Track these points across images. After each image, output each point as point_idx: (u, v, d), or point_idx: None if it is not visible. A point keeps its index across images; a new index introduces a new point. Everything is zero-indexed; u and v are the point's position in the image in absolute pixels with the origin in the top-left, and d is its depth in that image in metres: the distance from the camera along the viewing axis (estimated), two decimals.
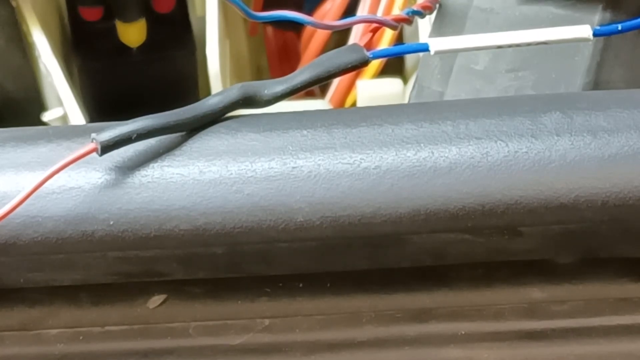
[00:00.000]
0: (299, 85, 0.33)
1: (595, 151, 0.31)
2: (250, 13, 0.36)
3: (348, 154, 0.31)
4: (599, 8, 0.38)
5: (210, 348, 0.32)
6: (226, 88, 0.33)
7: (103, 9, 0.50)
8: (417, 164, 0.31)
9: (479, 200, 0.30)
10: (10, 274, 0.31)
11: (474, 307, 0.33)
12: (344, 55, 0.34)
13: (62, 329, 0.33)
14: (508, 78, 0.39)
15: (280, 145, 0.31)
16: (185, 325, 0.32)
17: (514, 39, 0.35)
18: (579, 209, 0.30)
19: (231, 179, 0.31)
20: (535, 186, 0.30)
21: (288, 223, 0.30)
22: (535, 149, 0.31)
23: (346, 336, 0.32)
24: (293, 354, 0.32)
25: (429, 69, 0.41)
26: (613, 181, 0.30)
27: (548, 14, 0.38)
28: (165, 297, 0.33)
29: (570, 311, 0.32)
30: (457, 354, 0.32)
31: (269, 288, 0.33)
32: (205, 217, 0.30)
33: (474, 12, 0.40)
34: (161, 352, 0.32)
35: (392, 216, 0.30)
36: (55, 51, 0.47)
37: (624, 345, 0.32)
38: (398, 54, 0.38)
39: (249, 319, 0.32)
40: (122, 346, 0.32)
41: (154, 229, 0.30)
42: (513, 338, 0.32)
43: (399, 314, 0.33)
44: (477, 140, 0.31)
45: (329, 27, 0.39)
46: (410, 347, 0.32)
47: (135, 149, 0.31)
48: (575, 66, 0.38)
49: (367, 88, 0.49)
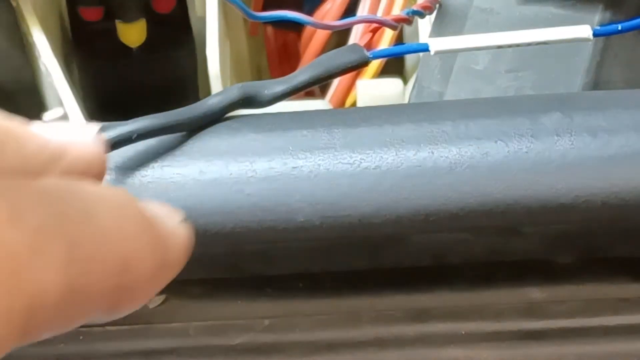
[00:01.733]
0: (299, 85, 0.33)
1: (595, 151, 0.31)
2: (250, 13, 0.36)
3: (348, 154, 0.31)
4: (599, 8, 0.38)
5: (210, 348, 0.32)
6: (226, 88, 0.33)
7: (103, 9, 0.50)
8: (417, 164, 0.31)
9: (479, 200, 0.30)
10: None
11: (474, 307, 0.33)
12: (344, 55, 0.34)
13: None
14: (508, 78, 0.39)
15: (280, 145, 0.31)
16: (185, 325, 0.32)
17: (513, 39, 0.35)
18: (579, 209, 0.30)
19: (231, 179, 0.31)
20: (535, 186, 0.30)
21: (288, 223, 0.30)
22: (535, 149, 0.31)
23: (346, 336, 0.32)
24: (293, 353, 0.32)
25: (429, 69, 0.41)
26: (613, 181, 0.30)
27: (548, 14, 0.38)
28: (165, 297, 0.33)
29: (570, 311, 0.32)
30: (457, 354, 0.32)
31: (269, 288, 0.33)
32: (205, 217, 0.30)
33: (474, 12, 0.40)
34: (161, 352, 0.32)
35: (392, 216, 0.30)
36: (55, 51, 0.47)
37: (624, 345, 0.32)
38: (398, 54, 0.38)
39: (249, 319, 0.32)
40: (122, 346, 0.32)
41: None
42: (513, 338, 0.32)
43: (399, 314, 0.32)
44: (477, 140, 0.31)
45: (329, 27, 0.39)
46: (410, 347, 0.32)
47: (135, 149, 0.31)
48: (575, 66, 0.38)
49: (367, 88, 0.49)
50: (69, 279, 0.15)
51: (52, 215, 0.15)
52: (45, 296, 0.14)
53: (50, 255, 0.14)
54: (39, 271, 0.14)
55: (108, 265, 0.16)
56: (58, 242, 0.14)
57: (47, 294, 0.14)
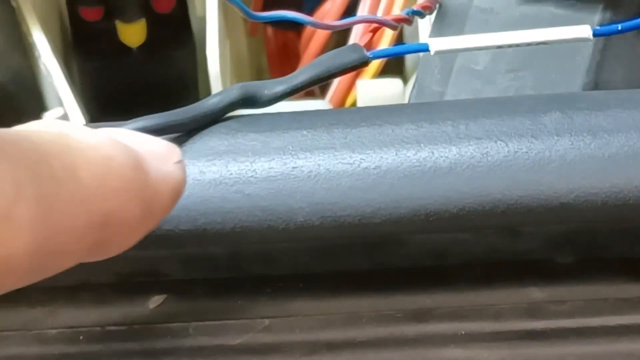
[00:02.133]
0: (299, 85, 0.33)
1: (595, 151, 0.31)
2: (250, 13, 0.36)
3: (348, 154, 0.31)
4: (599, 8, 0.38)
5: (210, 348, 0.32)
6: (226, 88, 0.33)
7: (103, 9, 0.50)
8: (417, 164, 0.31)
9: (479, 200, 0.30)
10: None
11: (474, 307, 0.33)
12: (344, 55, 0.34)
13: (62, 329, 0.33)
14: (508, 78, 0.39)
15: (280, 145, 0.31)
16: (185, 325, 0.32)
17: (513, 39, 0.35)
18: (579, 209, 0.30)
19: (231, 179, 0.31)
20: (535, 186, 0.30)
21: (288, 223, 0.30)
22: (535, 149, 0.31)
23: (346, 336, 0.32)
24: (293, 354, 0.32)
25: (429, 69, 0.41)
26: (613, 181, 0.30)
27: (548, 14, 0.38)
28: (165, 297, 0.33)
29: (570, 311, 0.32)
30: (457, 354, 0.32)
31: (269, 288, 0.33)
32: (205, 217, 0.30)
33: (473, 12, 0.40)
34: (161, 352, 0.32)
35: (392, 216, 0.30)
36: (55, 51, 0.47)
37: (624, 345, 0.32)
38: (398, 54, 0.38)
39: (249, 319, 0.32)
40: (122, 346, 0.32)
41: (154, 229, 0.30)
42: (513, 338, 0.32)
43: (399, 314, 0.32)
44: (477, 140, 0.31)
45: (329, 27, 0.39)
46: (410, 347, 0.32)
47: None
48: (575, 66, 0.38)
49: (367, 88, 0.49)
50: (40, 243, 0.14)
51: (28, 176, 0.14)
52: (13, 261, 0.13)
53: (21, 220, 0.13)
54: (7, 238, 0.13)
55: (85, 223, 0.15)
56: (31, 206, 0.14)
57: (15, 259, 0.13)
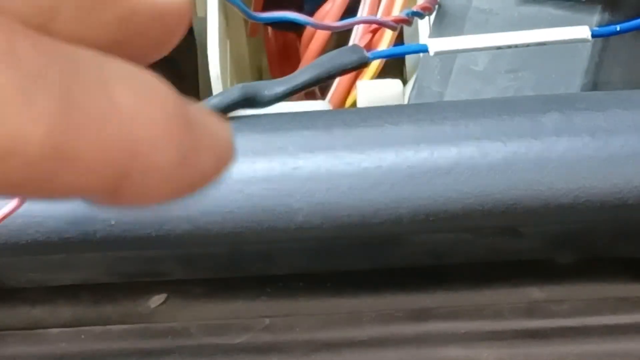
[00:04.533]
0: (300, 86, 0.33)
1: (595, 151, 0.31)
2: (251, 14, 0.36)
3: (348, 154, 0.31)
4: (598, 9, 0.38)
5: (211, 347, 0.32)
6: (227, 89, 0.33)
7: None
8: (417, 164, 0.31)
9: (479, 200, 0.30)
10: (12, 273, 0.31)
11: (474, 307, 0.33)
12: (344, 56, 0.34)
13: (64, 329, 0.33)
14: (507, 79, 0.39)
15: (281, 146, 0.31)
16: (186, 325, 0.32)
17: (513, 40, 0.35)
18: (579, 209, 0.30)
19: (231, 179, 0.31)
20: (535, 186, 0.30)
21: (288, 223, 0.30)
22: (535, 149, 0.31)
23: (346, 336, 0.32)
24: (293, 353, 0.32)
25: (429, 70, 0.41)
26: (612, 181, 0.30)
27: (547, 15, 0.38)
28: (165, 297, 0.33)
29: (570, 311, 0.33)
30: (457, 353, 0.32)
31: (269, 288, 0.33)
32: (205, 217, 0.30)
33: (473, 13, 0.40)
34: (162, 351, 0.32)
35: (392, 216, 0.30)
36: None
37: (624, 345, 0.32)
38: (398, 55, 0.38)
39: (249, 319, 0.32)
40: (123, 345, 0.32)
41: (155, 229, 0.30)
42: (513, 337, 0.32)
43: (399, 314, 0.33)
44: (477, 140, 0.31)
45: (329, 28, 0.40)
46: (410, 347, 0.32)
47: None
48: (574, 67, 0.38)
49: (367, 88, 0.49)
50: (55, 138, 0.13)
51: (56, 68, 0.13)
52: (24, 144, 0.12)
53: (40, 106, 0.13)
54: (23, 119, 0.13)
55: (108, 141, 0.14)
56: (53, 99, 0.13)
57: (26, 144, 0.13)
